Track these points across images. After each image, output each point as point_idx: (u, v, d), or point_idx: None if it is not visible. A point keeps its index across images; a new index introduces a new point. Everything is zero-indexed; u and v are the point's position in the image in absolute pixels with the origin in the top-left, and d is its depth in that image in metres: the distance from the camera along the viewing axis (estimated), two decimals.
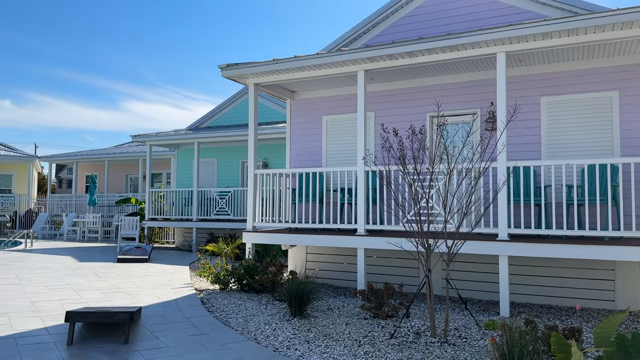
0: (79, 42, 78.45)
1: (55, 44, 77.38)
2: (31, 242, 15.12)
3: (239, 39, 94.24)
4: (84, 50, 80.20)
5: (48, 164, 26.76)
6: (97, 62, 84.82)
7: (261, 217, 8.60)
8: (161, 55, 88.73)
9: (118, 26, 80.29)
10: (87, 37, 78.63)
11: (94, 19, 77.13)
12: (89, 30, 79.36)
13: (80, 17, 75.22)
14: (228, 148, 16.81)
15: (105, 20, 78.00)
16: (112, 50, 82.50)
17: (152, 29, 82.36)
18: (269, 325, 5.73)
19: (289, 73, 8.18)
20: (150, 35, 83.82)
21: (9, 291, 7.39)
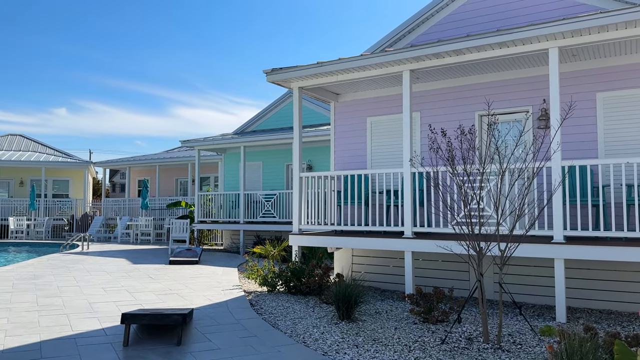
0: (130, 52, 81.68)
1: (108, 55, 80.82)
2: (87, 245, 15.79)
3: (281, 44, 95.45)
4: (135, 59, 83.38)
5: (102, 169, 27.94)
6: (146, 70, 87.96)
7: (307, 220, 8.63)
8: (207, 62, 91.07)
9: (167, 36, 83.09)
10: (138, 48, 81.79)
11: (144, 30, 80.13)
12: (140, 40, 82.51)
13: (131, 28, 78.28)
14: (273, 151, 17.00)
15: (155, 31, 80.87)
16: (161, 59, 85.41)
17: (197, 38, 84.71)
18: (317, 329, 5.73)
19: (333, 75, 8.17)
20: (196, 44, 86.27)
21: (69, 293, 7.73)
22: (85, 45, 77.34)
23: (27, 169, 25.83)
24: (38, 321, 5.79)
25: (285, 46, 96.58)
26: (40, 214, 23.74)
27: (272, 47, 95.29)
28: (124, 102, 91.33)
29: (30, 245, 19.14)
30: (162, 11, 76.46)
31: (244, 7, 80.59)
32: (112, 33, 77.76)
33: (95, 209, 28.09)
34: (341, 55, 7.81)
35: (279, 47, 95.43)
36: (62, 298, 7.25)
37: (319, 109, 16.57)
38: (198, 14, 78.79)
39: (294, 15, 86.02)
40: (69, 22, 73.32)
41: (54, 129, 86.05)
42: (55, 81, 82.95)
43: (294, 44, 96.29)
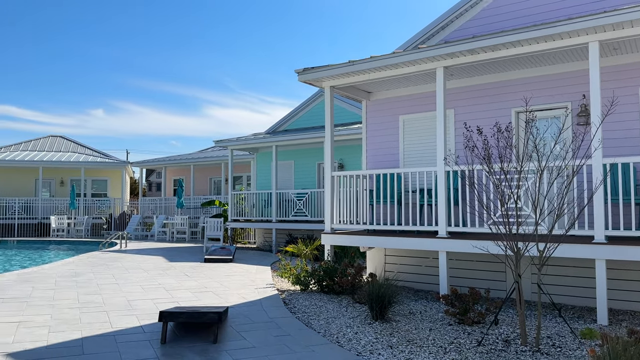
0: (162, 53, 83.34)
1: (142, 56, 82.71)
2: (125, 243, 16.23)
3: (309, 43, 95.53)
4: (168, 60, 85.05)
5: (139, 169, 28.62)
6: (180, 71, 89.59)
7: (338, 219, 8.63)
8: (238, 61, 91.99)
9: (198, 36, 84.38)
10: (169, 48, 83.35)
11: (175, 31, 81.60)
12: (172, 41, 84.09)
13: (161, 28, 79.85)
14: (304, 150, 17.06)
15: (185, 31, 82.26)
16: (192, 59, 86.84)
17: (229, 37, 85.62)
18: (350, 329, 5.72)
19: (365, 74, 8.13)
20: (228, 44, 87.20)
21: (108, 290, 7.96)
22: (119, 47, 79.40)
23: (67, 169, 26.72)
24: (79, 318, 5.98)
25: (313, 45, 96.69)
26: (80, 213, 24.53)
27: (300, 46, 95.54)
28: (159, 103, 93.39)
29: (71, 243, 19.81)
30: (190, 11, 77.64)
31: (273, 6, 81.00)
32: (143, 34, 79.56)
33: (133, 207, 28.84)
34: (369, 54, 7.77)
35: (308, 46, 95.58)
36: (102, 295, 7.46)
37: (351, 107, 16.53)
38: (227, 14, 79.65)
39: (321, 14, 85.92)
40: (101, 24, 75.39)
41: (92, 130, 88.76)
42: (92, 83, 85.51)
43: (322, 42, 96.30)
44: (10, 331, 5.30)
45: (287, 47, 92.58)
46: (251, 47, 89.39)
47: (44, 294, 7.44)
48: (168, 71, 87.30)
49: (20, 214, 23.83)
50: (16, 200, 23.92)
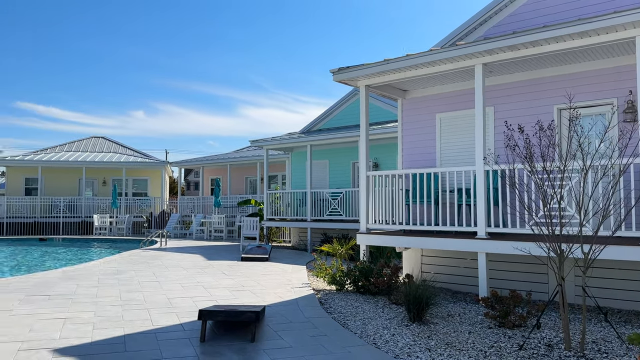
0: (198, 54, 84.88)
1: (179, 58, 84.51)
2: (165, 241, 16.61)
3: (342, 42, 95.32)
4: (204, 61, 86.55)
5: (178, 169, 29.28)
6: (215, 72, 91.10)
7: (374, 219, 8.57)
8: (272, 61, 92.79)
9: (233, 37, 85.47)
10: (205, 49, 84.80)
11: (210, 32, 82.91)
12: (207, 42, 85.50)
13: (198, 30, 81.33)
14: (339, 149, 17.04)
15: (221, 32, 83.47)
16: (228, 60, 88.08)
17: (260, 38, 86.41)
18: (387, 330, 5.67)
19: (401, 72, 8.04)
20: (260, 43, 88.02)
21: (149, 288, 8.16)
22: (157, 48, 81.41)
23: (109, 169, 27.58)
24: (122, 315, 6.16)
25: (347, 45, 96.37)
26: (122, 212, 25.29)
27: (334, 45, 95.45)
28: (196, 104, 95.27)
29: (113, 241, 20.43)
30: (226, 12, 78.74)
31: (306, 5, 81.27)
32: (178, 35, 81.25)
33: (172, 206, 29.51)
34: (402, 53, 7.67)
35: (341, 45, 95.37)
36: (143, 293, 7.66)
37: (386, 105, 16.39)
38: (257, 13, 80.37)
39: (354, 13, 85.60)
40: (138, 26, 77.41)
41: (133, 131, 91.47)
42: (133, 85, 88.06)
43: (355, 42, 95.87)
44: (57, 327, 5.50)
45: (321, 47, 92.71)
46: (285, 47, 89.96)
47: (87, 291, 7.70)
48: (204, 72, 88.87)
49: (65, 213, 24.76)
50: (61, 200, 24.86)
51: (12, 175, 26.98)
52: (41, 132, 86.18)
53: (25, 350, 4.64)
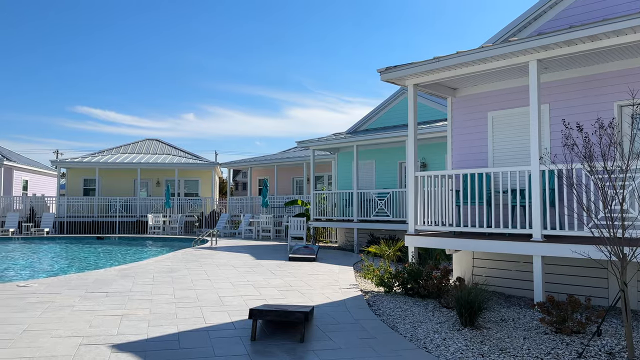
0: (243, 57, 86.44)
1: (225, 60, 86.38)
2: (216, 241, 17.00)
3: (385, 41, 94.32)
4: (249, 63, 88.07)
5: (227, 170, 29.91)
6: (261, 74, 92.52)
7: (422, 220, 8.43)
8: (317, 62, 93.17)
9: (277, 38, 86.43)
10: (250, 51, 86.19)
11: (255, 34, 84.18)
12: (252, 44, 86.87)
13: (242, 32, 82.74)
14: (385, 149, 16.89)
15: (265, 34, 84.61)
16: (273, 61, 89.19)
17: (307, 39, 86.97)
18: (438, 334, 5.56)
19: (451, 70, 7.87)
20: (305, 44, 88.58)
21: (201, 286, 8.36)
22: (203, 52, 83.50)
23: (162, 170, 28.54)
24: (175, 313, 6.34)
25: (391, 44, 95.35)
26: (174, 211, 26.09)
27: (378, 45, 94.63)
28: (244, 106, 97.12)
29: (166, 240, 21.11)
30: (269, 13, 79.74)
31: (350, 7, 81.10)
32: (222, 38, 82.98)
33: (222, 206, 30.18)
34: (448, 52, 7.50)
35: (385, 45, 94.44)
36: (196, 291, 7.86)
37: (434, 104, 16.11)
38: (300, 14, 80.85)
39: (398, 12, 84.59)
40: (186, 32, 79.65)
41: (184, 133, 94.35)
42: (183, 88, 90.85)
43: (399, 40, 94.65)
44: (114, 323, 5.73)
45: (365, 47, 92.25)
46: (330, 47, 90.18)
47: (143, 289, 7.98)
48: (250, 74, 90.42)
49: (121, 212, 25.79)
50: (117, 200, 25.93)
51: (72, 177, 28.38)
52: (99, 135, 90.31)
53: (86, 345, 4.86)
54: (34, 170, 30.80)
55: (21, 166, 28.66)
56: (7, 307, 6.41)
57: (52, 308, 6.39)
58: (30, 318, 5.84)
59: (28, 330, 5.30)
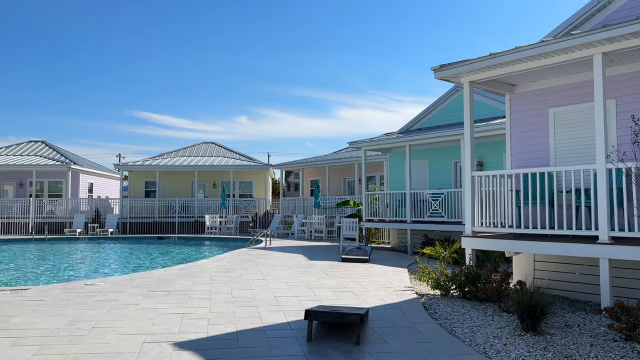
0: (291, 58, 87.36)
1: (273, 62, 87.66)
2: (270, 241, 17.27)
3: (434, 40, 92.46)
4: (298, 65, 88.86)
5: (279, 171, 30.33)
6: (310, 75, 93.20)
7: (480, 221, 8.20)
8: (366, 62, 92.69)
9: (324, 39, 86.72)
10: (298, 53, 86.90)
11: (302, 35, 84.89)
12: (299, 46, 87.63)
13: (290, 34, 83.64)
14: (439, 149, 16.56)
15: (313, 35, 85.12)
16: (321, 62, 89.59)
17: (352, 39, 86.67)
18: (498, 339, 5.39)
19: (509, 66, 7.61)
20: (351, 45, 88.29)
21: (257, 286, 8.51)
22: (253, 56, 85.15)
23: (218, 172, 29.33)
24: (233, 312, 6.48)
25: (443, 42, 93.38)
26: (230, 212, 26.73)
27: (429, 43, 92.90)
28: (294, 107, 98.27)
29: (222, 240, 21.67)
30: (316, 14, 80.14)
31: (400, 6, 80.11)
32: (270, 40, 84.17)
33: (274, 207, 30.65)
34: (503, 48, 7.23)
35: (437, 44, 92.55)
36: (252, 291, 8.01)
37: (490, 101, 15.64)
38: (353, 16, 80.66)
39: (447, 11, 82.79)
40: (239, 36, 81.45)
41: (237, 135, 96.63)
42: (236, 92, 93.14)
43: (454, 38, 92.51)
44: (176, 322, 5.94)
45: (418, 45, 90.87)
46: (378, 48, 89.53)
47: (201, 288, 8.22)
48: (299, 76, 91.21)
49: (180, 213, 26.71)
50: (176, 201, 26.87)
51: (134, 179, 29.69)
52: (158, 138, 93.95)
53: (149, 343, 5.05)
54: (98, 173, 32.46)
55: (87, 170, 30.27)
56: (77, 304, 6.78)
57: (117, 306, 6.71)
58: (98, 315, 6.14)
59: (96, 327, 5.58)
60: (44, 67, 77.35)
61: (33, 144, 33.03)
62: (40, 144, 33.05)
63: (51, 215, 26.07)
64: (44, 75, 78.93)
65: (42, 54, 76.07)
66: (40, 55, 75.88)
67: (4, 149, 31.33)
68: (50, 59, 76.82)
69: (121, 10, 69.57)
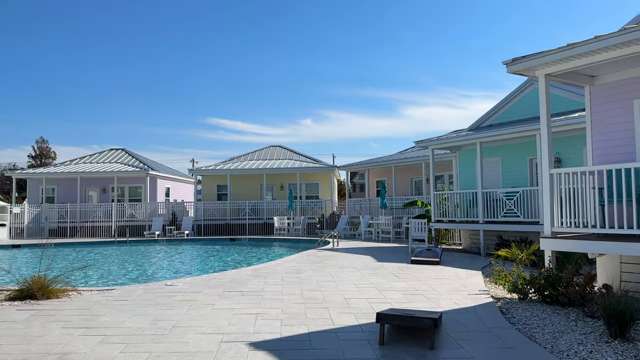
0: (355, 59, 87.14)
1: (336, 64, 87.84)
2: (337, 242, 17.33)
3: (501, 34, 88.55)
4: (361, 66, 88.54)
5: (345, 172, 30.39)
6: (374, 75, 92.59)
7: (559, 221, 7.76)
8: (431, 59, 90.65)
9: (388, 39, 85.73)
10: (361, 53, 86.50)
11: (365, 36, 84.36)
12: (362, 46, 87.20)
13: (353, 36, 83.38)
14: (513, 145, 15.86)
15: (376, 35, 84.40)
16: (385, 62, 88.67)
17: (419, 36, 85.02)
18: (583, 346, 5.07)
19: (589, 56, 7.16)
20: (418, 42, 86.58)
21: (327, 287, 8.56)
22: (320, 58, 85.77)
23: (285, 175, 29.86)
24: (305, 313, 6.55)
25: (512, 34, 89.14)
26: (297, 214, 27.11)
27: (498, 36, 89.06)
28: (357, 108, 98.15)
29: (290, 241, 22.02)
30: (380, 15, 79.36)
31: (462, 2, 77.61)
32: (333, 41, 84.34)
33: (340, 208, 30.74)
34: (577, 38, 6.79)
35: (499, 37, 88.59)
36: (322, 292, 8.06)
37: (567, 93, 14.78)
38: (416, 14, 79.10)
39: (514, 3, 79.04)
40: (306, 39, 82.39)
41: (302, 138, 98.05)
42: (300, 95, 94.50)
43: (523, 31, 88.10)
44: (250, 322, 6.09)
45: (485, 39, 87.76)
46: (443, 44, 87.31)
47: (273, 289, 8.38)
48: (364, 76, 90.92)
49: (250, 215, 27.44)
50: (247, 203, 27.64)
51: (207, 183, 30.86)
52: (228, 143, 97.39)
53: (226, 342, 5.22)
54: (174, 178, 34.05)
55: (163, 175, 31.84)
56: (158, 304, 7.14)
57: (195, 306, 6.99)
58: (178, 315, 6.43)
59: (176, 327, 5.85)
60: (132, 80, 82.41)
61: (114, 151, 35.23)
62: (120, 151, 35.20)
63: (132, 218, 27.65)
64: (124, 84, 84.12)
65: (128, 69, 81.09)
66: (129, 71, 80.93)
67: (88, 157, 33.63)
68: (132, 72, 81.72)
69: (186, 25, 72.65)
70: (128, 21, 74.86)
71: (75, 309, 6.79)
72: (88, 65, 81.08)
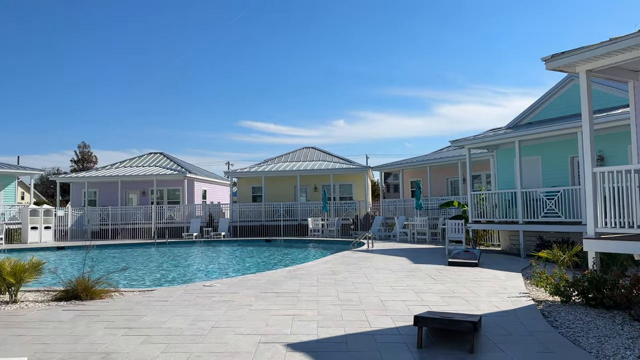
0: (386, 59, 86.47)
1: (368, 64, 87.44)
2: (372, 243, 17.24)
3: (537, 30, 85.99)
4: (393, 65, 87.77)
5: (378, 173, 30.23)
6: (406, 74, 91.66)
7: (604, 221, 7.49)
8: (464, 55, 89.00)
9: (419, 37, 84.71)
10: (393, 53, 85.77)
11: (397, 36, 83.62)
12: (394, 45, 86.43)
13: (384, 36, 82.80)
14: (552, 143, 15.41)
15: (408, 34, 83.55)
16: (418, 61, 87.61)
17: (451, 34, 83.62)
18: (630, 351, 4.88)
19: (632, 51, 6.90)
20: (450, 40, 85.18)
21: (362, 289, 8.53)
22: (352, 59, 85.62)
23: (319, 176, 29.94)
24: (341, 315, 6.55)
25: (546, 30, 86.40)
26: (331, 215, 27.13)
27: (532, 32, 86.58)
28: (391, 108, 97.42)
29: (325, 242, 22.04)
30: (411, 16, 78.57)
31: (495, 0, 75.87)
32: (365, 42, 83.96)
33: (374, 209, 30.56)
34: (608, 36, 6.53)
35: (540, 31, 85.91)
36: (358, 294, 8.04)
37: (607, 88, 14.25)
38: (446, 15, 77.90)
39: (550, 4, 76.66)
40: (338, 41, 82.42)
41: (335, 139, 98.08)
42: (332, 96, 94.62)
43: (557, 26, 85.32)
44: (287, 323, 6.13)
45: (521, 36, 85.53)
46: (480, 39, 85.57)
47: (309, 290, 8.41)
48: (397, 76, 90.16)
49: (284, 217, 27.64)
50: (281, 205, 27.86)
51: (242, 185, 31.26)
52: (262, 145, 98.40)
53: (264, 343, 5.27)
54: (210, 180, 34.65)
55: (200, 177, 32.45)
56: (197, 305, 7.28)
57: (233, 307, 7.09)
58: (216, 316, 6.54)
59: (215, 327, 5.95)
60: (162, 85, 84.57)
61: (153, 155, 36.14)
62: (159, 155, 36.08)
63: (170, 220, 28.29)
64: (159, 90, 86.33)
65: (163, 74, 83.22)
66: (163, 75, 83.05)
67: (128, 161, 34.61)
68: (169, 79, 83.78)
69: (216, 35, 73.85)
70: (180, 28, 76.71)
71: (118, 310, 7.00)
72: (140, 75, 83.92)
